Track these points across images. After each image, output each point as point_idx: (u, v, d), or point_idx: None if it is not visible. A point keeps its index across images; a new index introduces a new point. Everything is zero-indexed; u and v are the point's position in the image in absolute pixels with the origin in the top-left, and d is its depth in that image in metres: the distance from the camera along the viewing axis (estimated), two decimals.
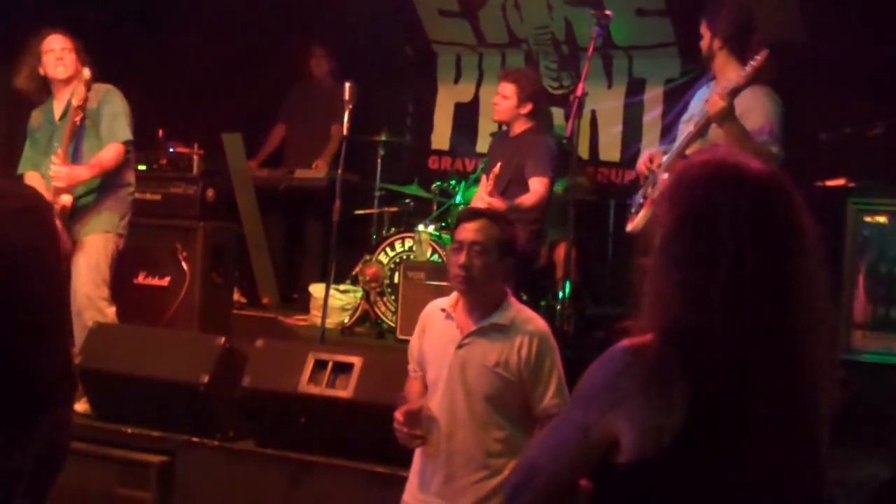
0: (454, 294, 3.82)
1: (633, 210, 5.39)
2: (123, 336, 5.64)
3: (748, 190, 1.99)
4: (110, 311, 5.78)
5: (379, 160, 7.80)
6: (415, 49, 8.77)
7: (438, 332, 3.83)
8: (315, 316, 7.03)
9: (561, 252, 6.93)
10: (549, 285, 7.05)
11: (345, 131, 6.33)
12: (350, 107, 6.31)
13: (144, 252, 6.61)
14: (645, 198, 5.29)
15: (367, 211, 7.73)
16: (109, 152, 5.83)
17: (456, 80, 8.76)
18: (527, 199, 6.29)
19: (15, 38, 6.24)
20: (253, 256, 7.90)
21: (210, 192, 7.45)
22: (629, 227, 5.40)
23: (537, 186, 6.31)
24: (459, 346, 3.72)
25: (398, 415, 3.57)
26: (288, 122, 8.62)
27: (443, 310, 3.84)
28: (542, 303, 6.81)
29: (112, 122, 5.88)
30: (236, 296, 7.89)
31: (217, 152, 7.63)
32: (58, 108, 5.99)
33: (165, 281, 6.85)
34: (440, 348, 3.79)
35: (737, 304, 1.94)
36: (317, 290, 7.23)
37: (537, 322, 3.76)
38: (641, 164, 5.36)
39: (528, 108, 6.44)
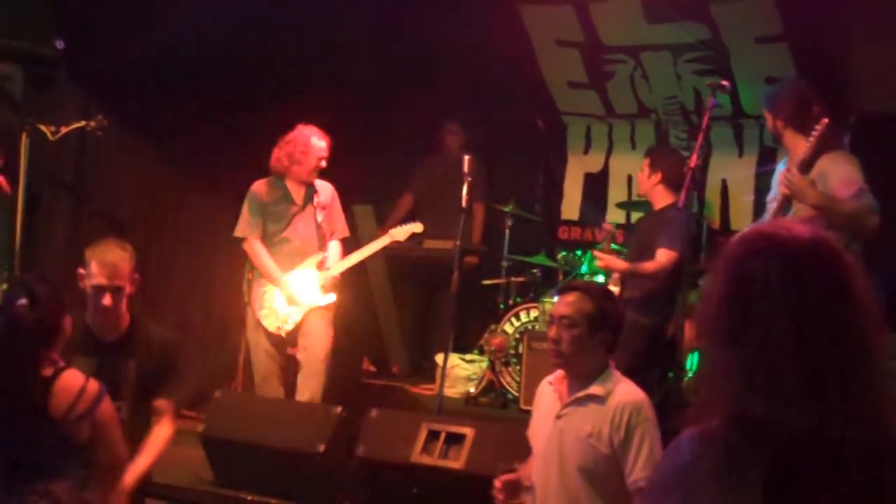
0: None
1: None
2: (246, 404, 5.79)
3: (778, 258, 1.95)
4: None
5: (507, 230, 7.88)
6: (545, 121, 8.82)
7: (544, 404, 3.87)
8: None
9: (689, 324, 6.83)
10: (677, 359, 6.94)
11: (463, 203, 6.40)
12: (469, 179, 6.38)
13: None
14: None
15: (495, 281, 7.78)
16: (338, 248, 6.69)
17: (586, 151, 8.76)
18: (647, 266, 6.24)
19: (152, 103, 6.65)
20: (383, 325, 8.02)
21: None
22: None
23: (661, 257, 6.25)
24: (558, 417, 3.74)
25: (497, 482, 3.58)
26: (418, 194, 8.72)
27: (550, 383, 3.88)
28: (671, 374, 6.71)
29: (341, 218, 6.79)
30: (366, 364, 8.01)
31: (349, 223, 7.81)
32: (295, 192, 6.62)
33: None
34: (543, 419, 3.84)
35: (777, 380, 1.89)
36: (442, 359, 7.28)
37: (634, 393, 3.74)
38: None
39: (657, 177, 6.36)
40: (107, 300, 4.31)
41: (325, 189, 6.69)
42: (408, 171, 8.74)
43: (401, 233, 6.70)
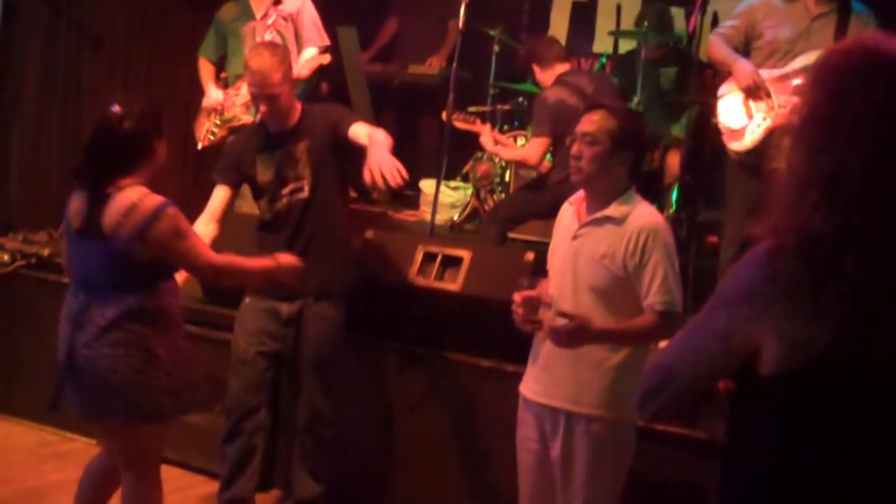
0: None
1: (731, 124, 5.32)
2: (240, 224, 5.69)
3: (882, 74, 1.87)
4: None
5: (493, 57, 7.72)
6: None
7: (564, 223, 3.85)
8: (425, 211, 7.04)
9: (673, 156, 6.81)
10: (661, 189, 6.94)
11: (460, 25, 6.24)
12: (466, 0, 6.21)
13: None
14: (751, 116, 5.21)
15: (480, 108, 7.63)
16: (309, 53, 6.45)
17: None
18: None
19: None
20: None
21: (324, 86, 7.49)
22: (738, 144, 5.31)
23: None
24: (574, 237, 3.71)
25: (516, 297, 3.55)
26: (401, 16, 8.52)
27: (570, 203, 3.84)
28: (654, 205, 6.70)
29: (308, 28, 6.47)
30: None
31: (331, 46, 7.61)
32: (256, 5, 6.45)
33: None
34: (561, 238, 3.82)
35: (871, 196, 1.84)
36: (427, 185, 7.23)
37: (653, 217, 3.70)
38: (751, 78, 5.24)
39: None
40: (262, 107, 4.58)
41: (290, 1, 6.45)
42: None
43: (307, 64, 6.37)
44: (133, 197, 3.70)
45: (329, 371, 4.74)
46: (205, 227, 4.63)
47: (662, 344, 3.64)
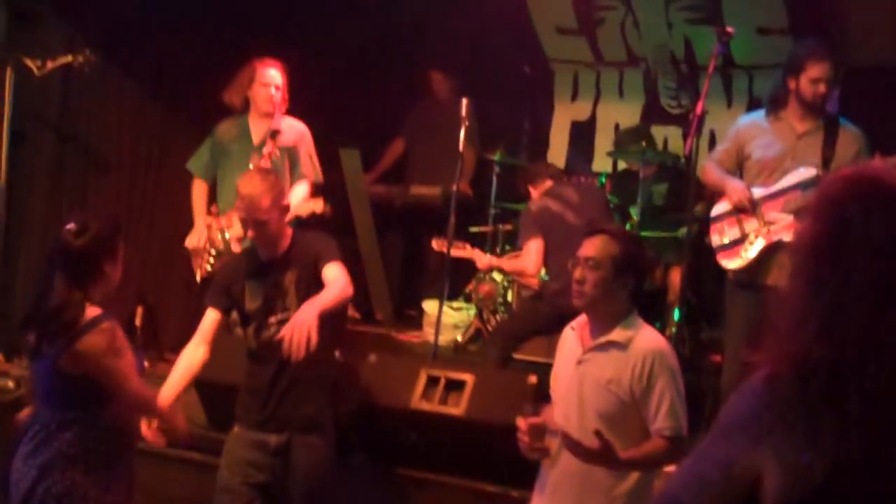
0: None
1: (725, 243, 5.41)
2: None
3: (883, 206, 1.89)
4: None
5: (494, 177, 7.83)
6: (532, 66, 8.73)
7: (567, 348, 3.85)
8: (428, 332, 7.03)
9: (675, 274, 6.84)
10: (663, 308, 6.96)
11: (460, 147, 6.33)
12: (466, 124, 6.31)
13: None
14: (744, 234, 5.31)
15: (482, 228, 7.72)
16: (301, 190, 6.39)
17: (573, 98, 8.70)
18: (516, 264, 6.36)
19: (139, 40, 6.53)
20: (368, 272, 7.93)
21: (327, 208, 7.54)
22: (733, 263, 5.40)
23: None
24: (579, 362, 3.71)
25: (522, 424, 3.54)
26: (410, 140, 8.64)
27: (572, 327, 3.85)
28: (657, 325, 6.71)
29: (305, 162, 6.45)
30: (350, 311, 7.95)
31: (334, 168, 7.71)
32: (255, 131, 6.43)
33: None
34: (565, 364, 3.82)
35: (872, 331, 1.85)
36: (430, 306, 7.24)
37: (656, 340, 3.71)
38: (742, 196, 5.35)
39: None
40: (250, 232, 4.55)
41: (291, 128, 6.44)
42: (395, 116, 8.64)
43: (302, 207, 6.24)
44: None
45: (318, 502, 4.65)
46: (195, 349, 4.62)
47: (669, 469, 3.63)
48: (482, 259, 6.39)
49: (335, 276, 4.47)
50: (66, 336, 3.68)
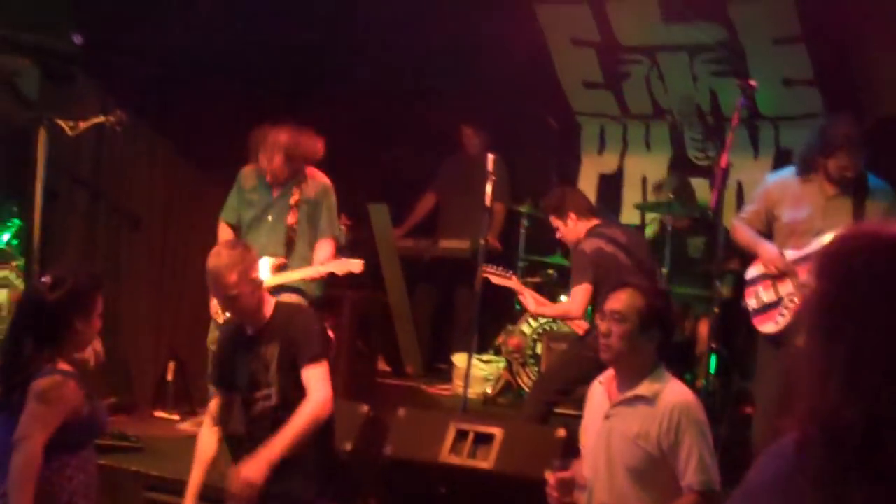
0: None
1: (760, 307, 5.41)
2: None
3: (885, 255, 1.91)
4: None
5: (522, 230, 7.87)
6: (558, 120, 8.78)
7: (594, 402, 3.87)
8: (458, 385, 7.05)
9: (704, 326, 6.83)
10: (693, 360, 6.95)
11: (487, 201, 6.37)
12: (493, 178, 6.35)
13: None
14: (779, 298, 5.29)
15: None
16: (327, 249, 6.24)
17: (600, 151, 8.75)
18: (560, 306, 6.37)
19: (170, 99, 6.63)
20: (398, 326, 7.98)
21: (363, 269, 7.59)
22: (769, 327, 5.38)
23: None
24: (606, 417, 3.72)
25: (551, 479, 3.55)
26: (440, 194, 8.71)
27: (600, 382, 3.86)
28: (687, 377, 6.71)
29: (327, 218, 6.28)
30: (381, 365, 7.98)
31: (363, 222, 7.78)
32: (271, 178, 6.27)
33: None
34: (593, 418, 3.83)
35: (892, 386, 1.85)
36: (460, 359, 7.26)
37: (684, 395, 3.71)
38: (776, 262, 5.36)
39: (573, 217, 6.19)
40: (221, 307, 4.51)
41: (314, 184, 6.30)
42: (425, 171, 8.71)
43: (339, 266, 6.06)
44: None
45: None
46: (207, 436, 4.60)
47: None
48: (530, 301, 6.21)
49: (311, 389, 4.31)
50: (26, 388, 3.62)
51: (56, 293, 3.74)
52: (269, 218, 6.26)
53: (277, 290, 5.92)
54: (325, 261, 6.12)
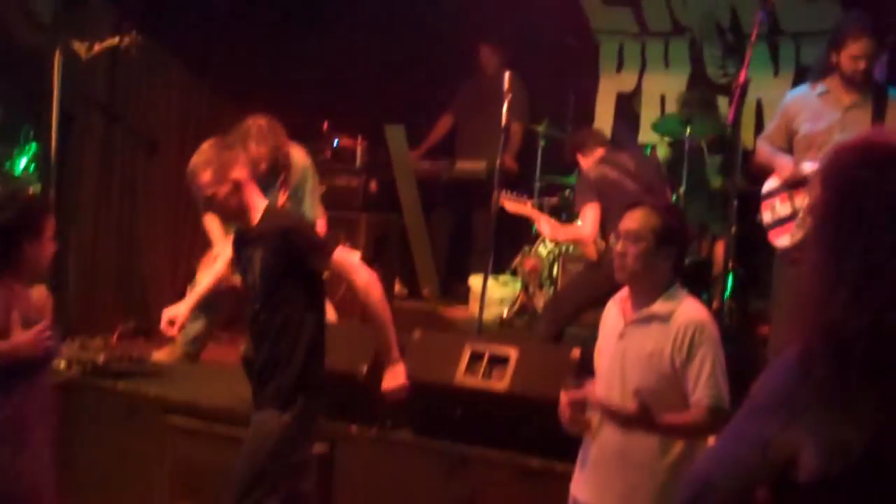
0: None
1: (776, 220, 5.37)
2: None
3: (893, 166, 1.87)
4: None
5: (539, 151, 7.81)
6: (577, 39, 8.67)
7: (609, 322, 3.84)
8: (474, 308, 7.02)
9: (721, 246, 6.79)
10: (710, 280, 6.92)
11: (504, 121, 6.31)
12: (509, 97, 6.29)
13: None
14: (795, 211, 5.26)
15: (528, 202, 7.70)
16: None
17: (618, 70, 8.64)
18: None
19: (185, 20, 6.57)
20: (414, 248, 7.97)
21: (373, 184, 7.59)
22: (784, 240, 5.35)
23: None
24: (621, 336, 3.71)
25: (563, 398, 3.55)
26: (458, 115, 8.63)
27: (615, 301, 3.84)
28: (703, 296, 6.68)
29: (313, 200, 6.24)
30: (397, 287, 7.99)
31: (380, 144, 7.73)
32: None
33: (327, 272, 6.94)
34: (607, 338, 3.81)
35: (880, 292, 1.82)
36: (476, 281, 7.25)
37: (698, 312, 3.68)
38: (789, 172, 5.31)
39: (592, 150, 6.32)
40: (202, 208, 4.41)
41: (296, 165, 6.21)
42: (442, 92, 8.64)
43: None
44: None
45: (255, 482, 4.19)
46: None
47: (711, 441, 3.61)
48: (545, 226, 6.28)
49: (351, 276, 4.28)
50: None
51: (7, 212, 3.71)
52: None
53: None
54: None
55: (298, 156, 6.27)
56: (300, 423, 4.23)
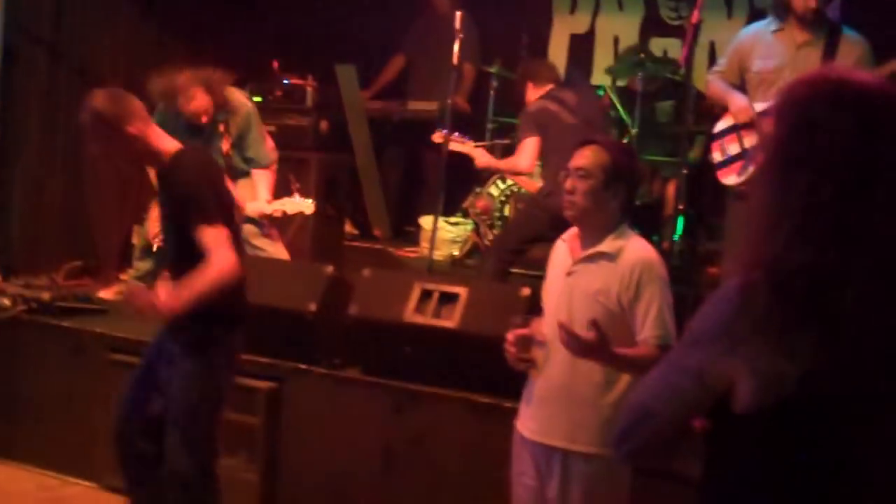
0: None
1: (727, 159, 5.38)
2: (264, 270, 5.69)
3: (849, 104, 1.85)
4: None
5: (492, 92, 7.77)
6: None
7: (557, 260, 3.83)
8: (425, 248, 7.01)
9: (672, 187, 6.81)
10: (661, 221, 6.94)
11: (454, 60, 6.27)
12: (461, 36, 6.25)
13: None
14: (744, 150, 5.28)
15: (479, 143, 7.66)
16: (266, 181, 6.24)
17: (572, 11, 8.58)
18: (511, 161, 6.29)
19: None
20: (365, 189, 7.92)
21: (323, 124, 7.53)
22: (732, 179, 5.37)
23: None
24: (568, 274, 3.70)
25: (509, 336, 3.55)
26: (410, 55, 8.56)
27: (563, 240, 3.83)
28: (654, 238, 6.71)
29: (258, 146, 6.24)
30: (348, 227, 7.96)
31: (331, 84, 7.65)
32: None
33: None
34: (554, 276, 3.81)
35: (842, 234, 1.83)
36: (427, 222, 7.23)
37: (645, 251, 3.68)
38: (745, 113, 5.30)
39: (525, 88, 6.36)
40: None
41: (237, 113, 6.17)
42: (395, 31, 8.55)
43: (292, 205, 5.93)
44: None
45: (187, 424, 4.16)
46: None
47: None
48: (480, 157, 6.36)
49: (209, 253, 3.95)
50: None
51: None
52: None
53: None
54: (275, 199, 6.01)
55: (240, 101, 6.20)
56: (219, 359, 4.18)
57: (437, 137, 6.47)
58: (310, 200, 5.94)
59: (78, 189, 7.30)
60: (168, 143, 4.13)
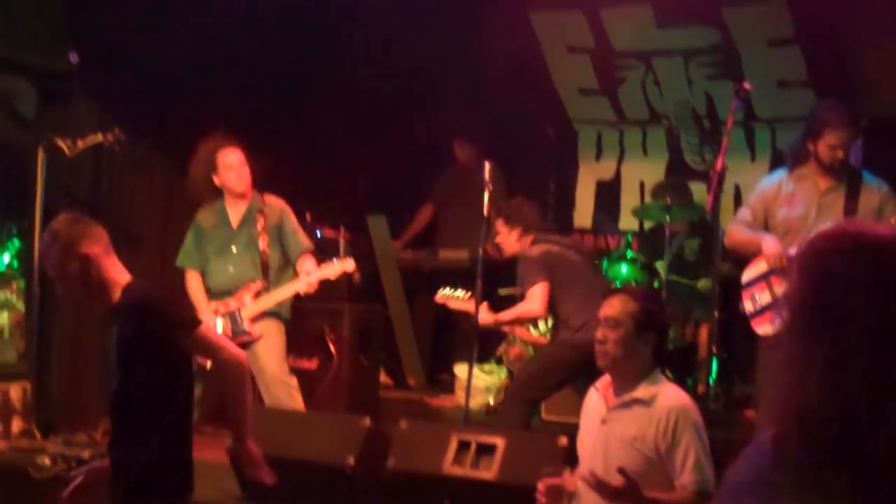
0: None
1: (757, 309, 5.40)
2: (272, 419, 5.74)
3: (865, 256, 1.90)
4: (294, 382, 6.35)
5: None
6: (555, 128, 8.80)
7: (591, 408, 3.88)
8: (460, 397, 7.02)
9: (705, 330, 6.83)
10: (695, 364, 6.94)
11: (485, 211, 6.37)
12: (490, 187, 6.36)
13: (293, 334, 6.68)
14: (776, 299, 5.29)
15: (511, 290, 7.72)
16: (311, 262, 6.39)
17: (597, 158, 8.76)
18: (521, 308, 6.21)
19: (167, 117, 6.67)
20: (398, 338, 7.97)
21: (356, 275, 7.59)
22: (765, 328, 5.38)
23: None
24: (603, 422, 3.73)
25: (540, 486, 3.56)
26: (439, 205, 8.72)
27: (596, 388, 3.86)
28: (689, 381, 6.71)
29: (296, 236, 6.51)
30: (383, 377, 7.97)
31: (362, 234, 7.78)
32: (232, 214, 6.50)
33: (313, 363, 6.98)
34: (589, 424, 3.84)
35: (869, 382, 1.85)
36: (462, 370, 7.24)
37: (680, 397, 3.72)
38: (778, 252, 5.32)
39: (517, 232, 6.37)
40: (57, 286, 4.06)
41: (272, 210, 6.50)
42: (423, 182, 8.72)
43: (332, 270, 6.31)
44: None
45: None
46: None
47: None
48: (484, 315, 6.23)
49: (215, 354, 3.92)
50: None
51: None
52: (233, 249, 6.44)
53: (258, 316, 6.21)
54: (315, 270, 6.29)
55: (273, 200, 6.53)
56: None
57: (440, 299, 6.60)
58: (349, 259, 6.31)
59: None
60: (122, 276, 3.97)
